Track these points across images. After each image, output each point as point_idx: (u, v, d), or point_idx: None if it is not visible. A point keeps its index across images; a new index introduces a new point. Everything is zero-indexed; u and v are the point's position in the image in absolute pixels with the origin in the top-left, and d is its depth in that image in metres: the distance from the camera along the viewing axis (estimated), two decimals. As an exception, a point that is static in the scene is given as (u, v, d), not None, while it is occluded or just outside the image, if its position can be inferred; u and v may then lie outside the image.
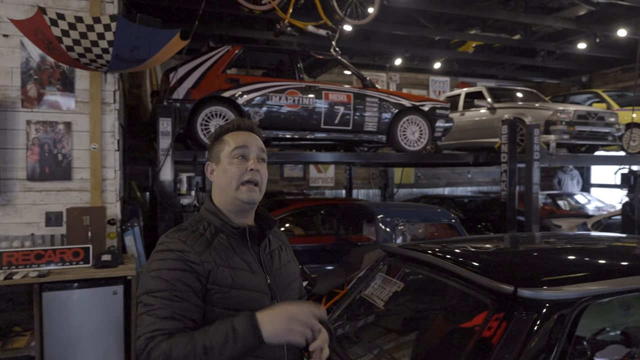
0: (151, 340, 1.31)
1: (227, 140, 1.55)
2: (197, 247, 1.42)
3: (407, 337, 2.28)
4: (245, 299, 1.42)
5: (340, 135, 6.23)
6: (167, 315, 1.33)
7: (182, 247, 1.41)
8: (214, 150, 1.58)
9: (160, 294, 1.36)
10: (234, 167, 1.50)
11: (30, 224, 3.90)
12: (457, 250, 2.40)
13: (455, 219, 5.20)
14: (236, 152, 1.51)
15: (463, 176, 12.87)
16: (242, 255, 1.49)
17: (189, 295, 1.36)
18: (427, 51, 10.05)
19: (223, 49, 5.73)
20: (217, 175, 1.54)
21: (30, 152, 3.89)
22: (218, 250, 1.45)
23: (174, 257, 1.40)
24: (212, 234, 1.49)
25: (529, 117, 7.21)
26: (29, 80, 3.89)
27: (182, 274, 1.37)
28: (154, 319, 1.33)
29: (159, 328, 1.31)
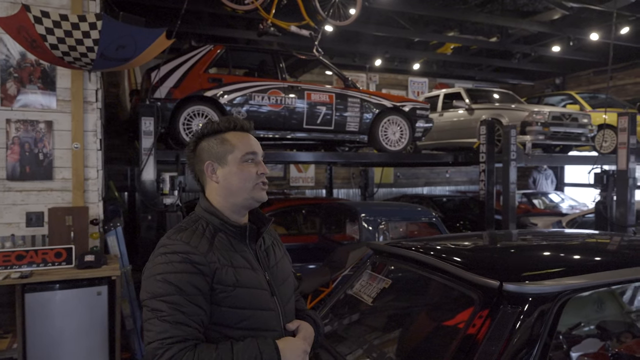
0: (169, 349, 1.31)
1: (232, 143, 1.55)
2: (201, 248, 1.43)
3: (396, 333, 2.34)
4: (249, 297, 1.46)
5: (322, 135, 6.28)
6: (179, 320, 1.34)
7: (186, 249, 1.42)
8: (215, 150, 1.55)
9: (169, 298, 1.35)
10: (248, 171, 1.54)
11: (10, 225, 3.83)
12: (443, 247, 2.47)
13: (436, 217, 5.30)
14: (247, 157, 1.54)
15: (441, 176, 13.07)
16: (242, 253, 1.52)
17: (198, 299, 1.38)
18: (407, 52, 10.19)
19: (205, 48, 5.72)
20: (226, 177, 1.54)
21: (10, 151, 3.83)
22: (220, 250, 1.47)
23: (180, 260, 1.40)
24: (211, 233, 1.50)
25: (505, 118, 7.38)
26: (8, 78, 3.82)
27: (190, 277, 1.38)
28: (165, 325, 1.33)
29: (172, 335, 1.32)
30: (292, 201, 7.49)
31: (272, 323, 1.50)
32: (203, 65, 5.63)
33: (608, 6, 7.03)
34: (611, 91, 10.22)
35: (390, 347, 2.21)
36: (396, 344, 2.22)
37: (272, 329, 1.50)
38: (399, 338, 2.24)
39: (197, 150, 1.59)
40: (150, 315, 1.36)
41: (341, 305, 2.65)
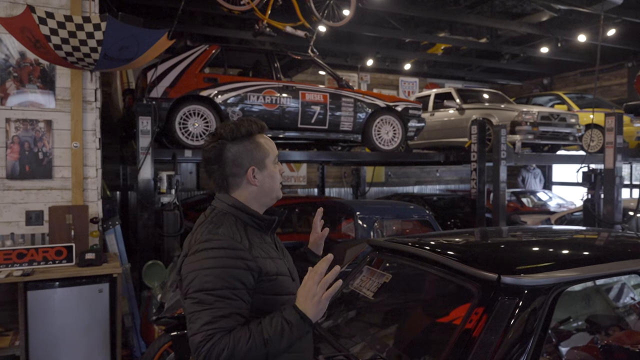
0: (210, 338, 1.38)
1: (266, 145, 1.64)
2: (244, 243, 1.52)
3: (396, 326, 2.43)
4: (285, 283, 1.59)
5: (316, 134, 6.35)
6: (225, 314, 1.41)
7: (233, 245, 1.49)
8: (255, 154, 1.61)
9: (217, 292, 1.43)
10: (277, 173, 1.67)
11: (10, 223, 3.86)
12: (440, 242, 2.56)
13: (429, 215, 5.40)
14: (276, 159, 1.67)
15: (432, 175, 13.21)
16: (269, 244, 1.65)
17: (243, 293, 1.46)
18: (398, 52, 10.29)
19: (200, 48, 5.76)
20: (264, 180, 1.63)
21: (10, 150, 3.85)
22: (257, 244, 1.56)
23: (227, 255, 1.47)
24: (243, 227, 1.58)
25: (495, 117, 7.51)
26: (8, 77, 3.84)
27: (237, 272, 1.46)
28: (211, 318, 1.40)
29: (219, 327, 1.39)
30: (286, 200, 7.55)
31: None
32: (199, 65, 5.68)
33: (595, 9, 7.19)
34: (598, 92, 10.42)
35: (392, 340, 2.29)
36: (397, 336, 2.31)
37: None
38: (399, 331, 2.32)
39: (228, 154, 1.59)
40: (197, 307, 1.43)
41: (341, 300, 2.73)
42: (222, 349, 1.37)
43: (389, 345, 2.20)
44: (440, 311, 2.22)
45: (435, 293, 2.34)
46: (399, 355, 2.09)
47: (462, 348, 1.82)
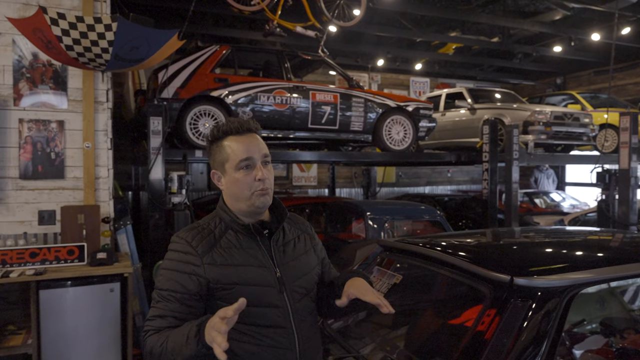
0: (145, 334, 1.46)
1: (229, 149, 1.54)
2: (201, 249, 1.49)
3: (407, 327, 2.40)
4: (250, 294, 1.45)
5: (326, 134, 6.34)
6: (161, 314, 1.45)
7: (186, 249, 1.49)
8: (216, 158, 1.57)
9: (162, 293, 1.48)
10: (242, 179, 1.53)
11: (23, 223, 3.89)
12: (452, 243, 2.53)
13: (440, 216, 5.37)
14: (241, 164, 1.52)
15: (443, 175, 13.13)
16: (250, 250, 1.54)
17: (184, 298, 1.45)
18: (409, 52, 10.25)
19: (211, 48, 5.78)
20: (227, 186, 1.57)
21: (23, 150, 3.89)
22: (223, 249, 1.51)
23: (178, 259, 1.49)
24: (221, 230, 1.55)
25: (508, 117, 7.44)
26: (21, 78, 3.88)
27: (181, 276, 1.47)
28: (151, 315, 1.48)
29: (152, 325, 1.46)
30: (296, 200, 7.55)
31: (278, 320, 1.51)
32: (209, 65, 5.69)
33: (609, 7, 7.09)
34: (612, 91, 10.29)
35: (402, 341, 2.27)
36: (407, 338, 2.29)
37: (279, 325, 1.50)
38: (410, 332, 2.30)
39: (209, 155, 1.61)
40: (152, 301, 1.51)
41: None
42: (149, 347, 1.43)
43: (399, 346, 2.18)
44: (452, 313, 2.19)
45: (446, 294, 2.32)
46: (409, 357, 2.07)
47: (473, 351, 1.79)
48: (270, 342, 1.49)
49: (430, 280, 2.42)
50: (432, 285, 2.43)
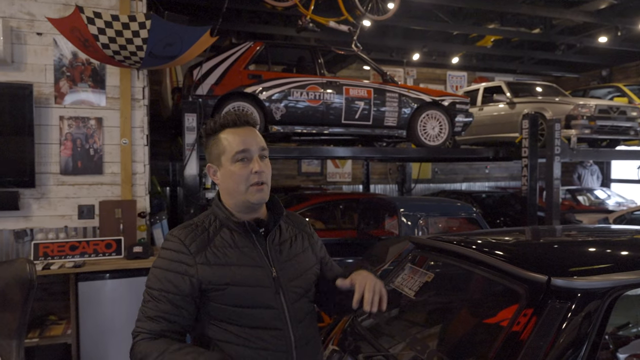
0: (135, 336, 1.41)
1: (225, 141, 1.51)
2: (194, 247, 1.45)
3: (438, 327, 2.34)
4: (244, 295, 1.44)
5: (360, 130, 6.28)
6: (151, 315, 1.41)
7: (179, 248, 1.45)
8: (212, 151, 1.54)
9: (152, 292, 1.43)
10: (238, 172, 1.49)
11: (63, 217, 4.02)
12: (486, 241, 2.44)
13: (476, 213, 5.23)
14: (237, 156, 1.49)
15: (480, 171, 12.83)
16: (245, 249, 1.49)
17: (175, 298, 1.41)
18: (445, 46, 10.03)
19: (245, 45, 5.81)
20: (222, 179, 1.54)
21: (64, 146, 4.01)
22: (217, 248, 1.47)
23: (170, 258, 1.45)
24: (215, 228, 1.51)
25: (549, 111, 7.18)
26: (61, 77, 4.00)
27: (173, 276, 1.42)
28: (141, 315, 1.43)
29: (142, 327, 1.41)
30: (330, 196, 7.53)
31: (273, 321, 1.46)
32: (243, 62, 5.73)
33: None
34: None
35: (433, 341, 2.21)
36: (439, 338, 2.23)
37: (274, 327, 1.46)
38: (441, 332, 2.24)
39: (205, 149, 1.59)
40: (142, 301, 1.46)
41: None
42: (137, 353, 1.38)
43: (429, 346, 2.12)
44: (485, 313, 2.12)
45: (479, 294, 2.24)
46: (440, 357, 2.01)
47: (507, 353, 1.72)
48: (264, 345, 1.44)
49: (463, 278, 2.35)
50: (465, 284, 2.35)
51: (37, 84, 3.93)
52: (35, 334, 3.55)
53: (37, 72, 3.95)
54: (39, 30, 3.93)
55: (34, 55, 3.93)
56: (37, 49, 3.94)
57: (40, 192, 3.97)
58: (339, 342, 2.58)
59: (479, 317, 2.15)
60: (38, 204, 3.97)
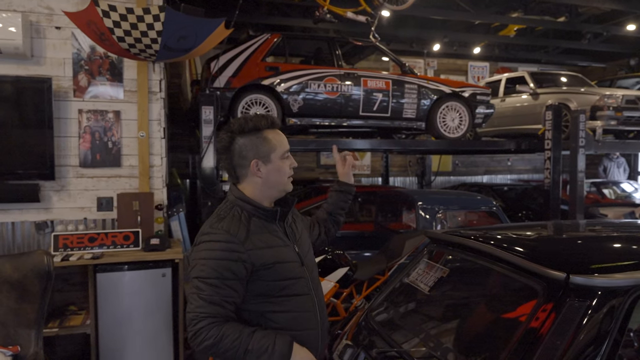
0: (200, 320, 1.59)
1: (273, 141, 1.75)
2: (240, 236, 1.65)
3: (452, 323, 2.29)
4: (286, 270, 1.72)
5: (378, 122, 6.22)
6: (213, 301, 1.60)
7: (227, 238, 1.64)
8: (261, 149, 1.73)
9: (209, 281, 1.61)
10: (286, 167, 1.78)
11: (83, 209, 4.08)
12: (504, 236, 2.38)
13: (496, 206, 5.13)
14: (285, 154, 1.78)
15: (502, 164, 12.60)
16: (275, 232, 1.76)
17: (234, 283, 1.62)
18: (466, 36, 9.83)
19: (262, 37, 5.79)
20: (268, 173, 1.75)
21: (82, 140, 4.06)
22: (256, 234, 1.69)
23: (221, 248, 1.63)
24: (247, 218, 1.72)
25: (574, 102, 6.99)
26: (80, 70, 4.04)
27: (229, 264, 1.62)
28: (202, 302, 1.60)
29: (206, 311, 1.59)
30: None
31: (304, 289, 1.77)
32: (260, 54, 5.71)
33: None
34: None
35: (447, 337, 2.17)
36: (453, 334, 2.18)
37: (305, 293, 1.77)
38: (456, 328, 2.19)
39: (235, 146, 1.74)
40: (194, 291, 1.63)
41: (397, 293, 2.63)
42: (210, 336, 1.57)
43: (442, 342, 2.07)
44: (500, 310, 2.06)
45: (495, 290, 2.18)
46: (453, 353, 1.97)
47: (523, 351, 1.67)
48: (302, 307, 1.75)
49: (478, 274, 2.29)
50: (481, 279, 2.30)
51: (56, 78, 3.97)
52: (56, 324, 3.62)
53: (56, 66, 3.99)
54: (57, 24, 3.97)
55: (53, 49, 3.98)
56: (56, 43, 3.99)
57: (60, 185, 4.03)
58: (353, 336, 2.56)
59: (494, 314, 2.09)
60: (58, 196, 4.03)
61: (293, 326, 1.71)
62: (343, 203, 2.21)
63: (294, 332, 1.70)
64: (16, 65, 3.88)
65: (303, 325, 1.74)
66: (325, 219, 2.21)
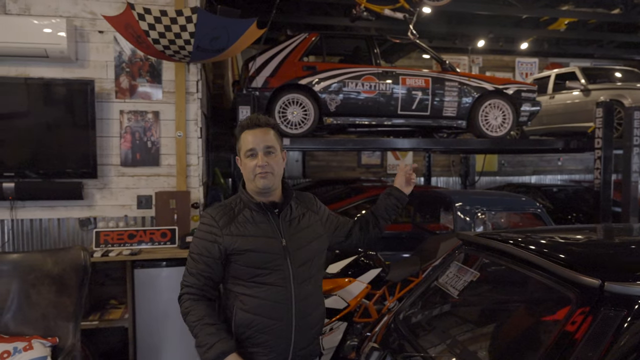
0: (182, 288, 1.96)
1: (242, 140, 1.99)
2: (222, 222, 1.93)
3: (482, 329, 2.20)
4: (259, 259, 1.91)
5: (417, 121, 6.10)
6: (192, 272, 1.93)
7: (210, 222, 1.95)
8: (237, 146, 2.02)
9: (192, 255, 1.96)
10: (250, 165, 1.96)
11: (123, 206, 4.22)
12: (539, 240, 2.26)
13: (540, 208, 4.91)
14: (247, 153, 1.96)
15: (552, 164, 12.09)
16: (261, 224, 1.96)
17: (208, 260, 1.91)
18: (513, 31, 9.49)
19: (300, 36, 5.80)
20: (242, 168, 2.02)
21: (123, 139, 4.19)
22: (239, 223, 1.94)
23: (205, 230, 1.95)
24: (240, 208, 1.98)
25: (628, 98, 6.61)
26: (121, 72, 4.17)
27: (206, 243, 1.92)
28: (185, 272, 1.96)
29: (186, 281, 1.94)
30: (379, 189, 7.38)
31: (279, 281, 1.92)
32: (298, 53, 5.72)
33: None
34: None
35: (474, 344, 2.08)
36: (481, 341, 2.09)
37: (278, 284, 1.91)
38: (484, 335, 2.10)
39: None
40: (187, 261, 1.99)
41: (427, 296, 2.56)
42: (183, 307, 1.93)
43: (469, 350, 1.99)
44: (530, 318, 1.96)
45: (527, 297, 2.07)
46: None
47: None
48: (272, 297, 1.90)
49: (510, 279, 2.19)
50: (512, 285, 2.19)
51: (99, 80, 4.12)
52: (96, 317, 3.76)
53: (99, 69, 4.14)
54: (100, 28, 4.11)
55: (96, 52, 4.13)
56: (99, 47, 4.14)
57: (103, 183, 4.18)
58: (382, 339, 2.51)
59: (523, 321, 1.99)
60: (100, 194, 4.18)
61: (259, 312, 1.89)
62: (390, 209, 2.30)
63: (260, 318, 1.89)
64: (62, 69, 4.05)
65: (269, 315, 1.89)
66: (367, 220, 2.30)
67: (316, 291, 2.05)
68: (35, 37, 3.79)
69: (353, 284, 3.67)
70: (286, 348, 1.92)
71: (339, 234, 2.23)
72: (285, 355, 1.93)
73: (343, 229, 2.24)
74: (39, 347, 2.72)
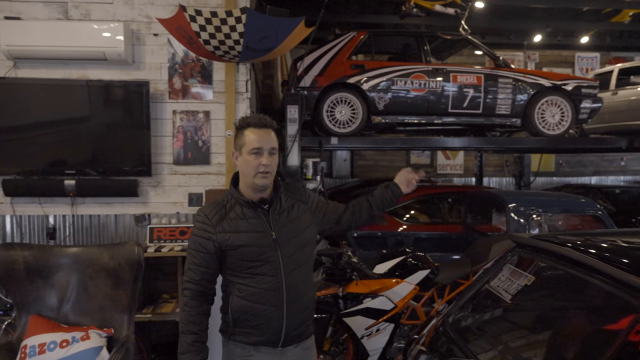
0: (183, 283, 2.09)
1: (247, 137, 2.04)
2: (214, 220, 2.04)
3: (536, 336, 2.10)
4: (251, 253, 2.03)
5: (469, 119, 5.92)
6: (190, 267, 2.07)
7: (204, 220, 2.06)
8: (237, 141, 2.08)
9: (189, 251, 2.09)
10: (252, 162, 2.01)
11: (176, 204, 4.34)
12: (600, 243, 2.13)
13: (601, 210, 4.65)
14: (253, 151, 2.01)
15: (614, 164, 11.44)
16: (251, 220, 2.06)
17: (204, 255, 2.04)
18: (573, 24, 9.04)
19: (348, 35, 5.77)
20: (240, 164, 2.08)
21: (176, 139, 4.32)
22: (230, 220, 2.04)
23: (199, 227, 2.07)
24: (231, 205, 2.09)
25: (700, 94, 6.14)
26: (174, 74, 4.30)
27: (200, 240, 2.04)
28: (186, 267, 2.09)
29: (187, 276, 2.07)
30: (437, 189, 7.23)
31: (270, 271, 2.03)
32: (346, 52, 5.70)
33: None
34: None
35: (528, 351, 1.98)
36: (535, 348, 1.99)
37: (270, 274, 2.03)
38: (538, 342, 2.00)
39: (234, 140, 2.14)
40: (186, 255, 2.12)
41: (478, 300, 2.48)
42: (183, 302, 2.08)
43: (522, 357, 1.90)
44: (589, 327, 1.84)
45: (585, 303, 1.96)
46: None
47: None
48: (264, 286, 2.03)
49: (566, 283, 2.07)
50: (568, 289, 2.07)
51: (153, 81, 4.26)
52: (149, 310, 3.89)
53: (154, 70, 4.29)
54: (155, 31, 4.25)
55: (151, 54, 4.27)
56: (154, 49, 4.28)
57: (156, 181, 4.32)
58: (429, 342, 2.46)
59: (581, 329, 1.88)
60: (154, 191, 4.33)
61: (253, 299, 2.03)
62: (386, 201, 2.34)
63: (254, 305, 2.03)
64: (119, 71, 4.22)
65: (262, 301, 2.03)
66: (361, 206, 2.35)
67: (306, 277, 2.18)
68: (94, 41, 3.97)
69: (401, 285, 3.60)
70: (279, 330, 2.06)
71: (329, 220, 2.30)
72: (279, 336, 2.07)
73: (333, 214, 2.31)
74: (96, 337, 2.84)
